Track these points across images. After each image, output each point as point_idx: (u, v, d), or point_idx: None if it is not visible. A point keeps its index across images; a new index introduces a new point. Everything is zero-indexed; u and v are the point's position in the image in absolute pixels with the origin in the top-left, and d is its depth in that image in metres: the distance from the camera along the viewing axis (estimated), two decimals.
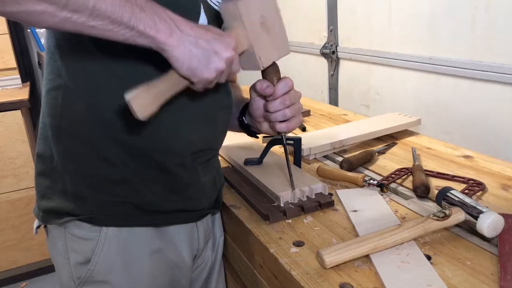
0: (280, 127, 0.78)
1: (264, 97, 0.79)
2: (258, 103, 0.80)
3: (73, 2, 0.51)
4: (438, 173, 0.98)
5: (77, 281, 0.73)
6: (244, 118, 0.88)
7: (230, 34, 0.66)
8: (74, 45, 0.67)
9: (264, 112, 0.79)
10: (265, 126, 0.83)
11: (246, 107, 0.88)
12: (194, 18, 0.66)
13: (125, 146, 0.69)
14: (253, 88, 0.79)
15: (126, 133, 0.68)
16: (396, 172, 0.99)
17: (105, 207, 0.72)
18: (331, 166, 1.05)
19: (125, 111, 0.66)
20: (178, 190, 0.76)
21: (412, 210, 0.83)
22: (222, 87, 0.77)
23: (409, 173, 0.98)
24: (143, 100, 0.58)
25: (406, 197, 0.89)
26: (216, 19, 0.72)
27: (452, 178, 0.96)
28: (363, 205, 0.85)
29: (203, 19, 0.69)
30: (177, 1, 0.65)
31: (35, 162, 0.77)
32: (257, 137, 0.96)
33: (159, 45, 0.57)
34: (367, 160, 1.07)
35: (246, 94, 0.91)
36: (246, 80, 0.98)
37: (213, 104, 0.76)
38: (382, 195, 0.89)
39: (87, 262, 0.72)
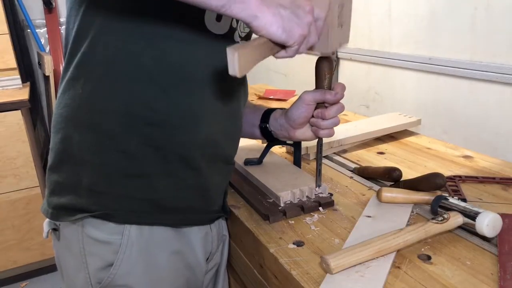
0: (324, 133, 0.81)
1: (316, 104, 0.80)
2: (304, 109, 0.81)
3: None
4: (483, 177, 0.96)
5: (96, 285, 0.71)
6: (267, 125, 0.89)
7: None
8: (98, 33, 0.65)
9: (314, 118, 0.81)
10: (300, 132, 0.85)
11: (266, 114, 0.89)
12: None
13: (146, 138, 0.67)
14: (311, 96, 0.80)
15: (148, 124, 0.67)
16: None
17: (121, 203, 0.69)
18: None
19: (151, 102, 0.65)
20: (196, 187, 0.74)
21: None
22: (242, 81, 0.79)
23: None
24: (244, 57, 0.56)
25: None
26: None
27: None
28: (381, 214, 0.82)
29: None
30: None
31: (49, 156, 0.74)
32: (275, 143, 0.97)
33: (252, 13, 0.56)
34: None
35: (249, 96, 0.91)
36: (249, 82, 0.98)
37: (233, 97, 0.75)
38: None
39: (108, 266, 0.70)
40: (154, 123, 0.67)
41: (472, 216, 0.72)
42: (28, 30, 2.41)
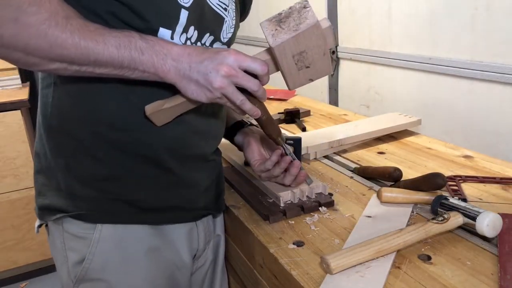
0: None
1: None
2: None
3: (78, 58, 0.59)
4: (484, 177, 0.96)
5: (74, 279, 0.74)
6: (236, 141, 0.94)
7: (230, 50, 0.65)
8: None
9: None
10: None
11: (235, 127, 0.93)
12: (173, 23, 0.66)
13: (113, 142, 0.69)
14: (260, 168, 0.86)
15: (114, 129, 0.69)
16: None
17: (96, 204, 0.72)
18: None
19: (114, 108, 0.68)
20: (170, 186, 0.75)
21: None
22: None
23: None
24: (161, 114, 0.68)
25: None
26: (216, 19, 0.73)
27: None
28: (381, 214, 0.82)
29: (182, 22, 0.67)
30: (154, 7, 0.64)
31: (34, 160, 0.78)
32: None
33: (162, 79, 0.64)
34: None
35: None
36: None
37: None
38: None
39: (82, 261, 0.72)
40: (119, 128, 0.69)
41: (473, 216, 0.71)
42: None
